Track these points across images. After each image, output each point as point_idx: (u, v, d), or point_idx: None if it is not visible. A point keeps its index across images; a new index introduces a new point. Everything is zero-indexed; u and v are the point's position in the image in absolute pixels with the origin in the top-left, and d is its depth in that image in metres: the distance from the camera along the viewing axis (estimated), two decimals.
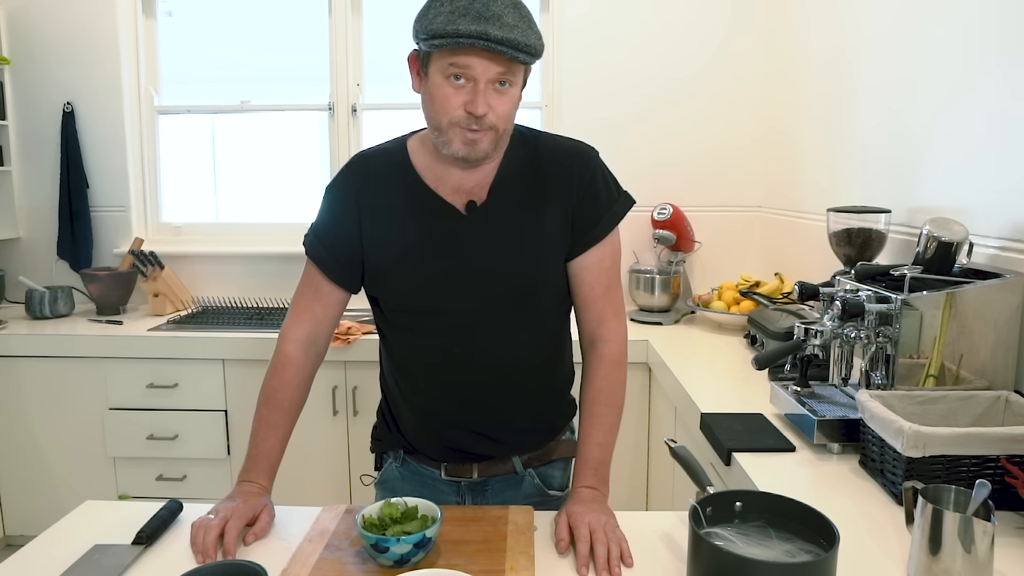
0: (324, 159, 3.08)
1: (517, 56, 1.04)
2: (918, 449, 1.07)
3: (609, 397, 1.22)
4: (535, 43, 1.06)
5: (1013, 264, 1.38)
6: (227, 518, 1.06)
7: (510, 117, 1.13)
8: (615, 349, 1.25)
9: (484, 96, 1.06)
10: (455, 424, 1.25)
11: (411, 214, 1.19)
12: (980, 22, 1.52)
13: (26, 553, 1.05)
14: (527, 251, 1.18)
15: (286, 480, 1.74)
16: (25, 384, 2.55)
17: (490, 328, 1.20)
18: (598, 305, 1.24)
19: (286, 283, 2.96)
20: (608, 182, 1.24)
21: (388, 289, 1.23)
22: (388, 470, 1.36)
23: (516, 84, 1.10)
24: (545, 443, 1.32)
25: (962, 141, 1.57)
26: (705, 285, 2.95)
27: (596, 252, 1.22)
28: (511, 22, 1.03)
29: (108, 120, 2.95)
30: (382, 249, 1.20)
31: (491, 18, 1.02)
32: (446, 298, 1.19)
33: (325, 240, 1.23)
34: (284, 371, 1.24)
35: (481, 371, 1.22)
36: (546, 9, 2.92)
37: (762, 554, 0.87)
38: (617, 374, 1.24)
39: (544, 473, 1.32)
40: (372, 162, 1.23)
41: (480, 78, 1.06)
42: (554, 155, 1.21)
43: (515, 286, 1.19)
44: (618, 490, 2.48)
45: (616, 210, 1.23)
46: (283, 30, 3.03)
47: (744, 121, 2.87)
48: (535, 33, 1.07)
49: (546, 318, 1.25)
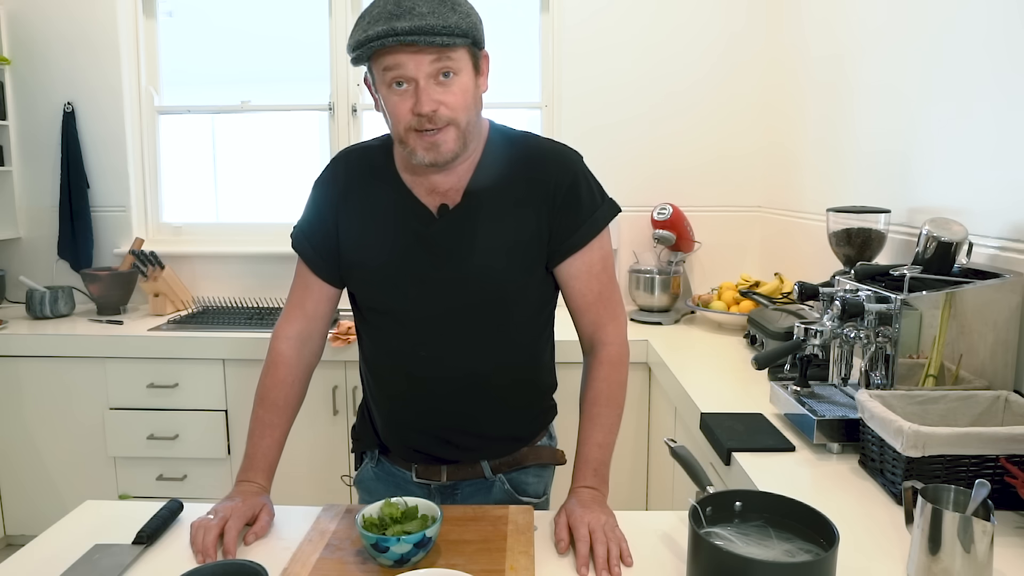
0: (324, 159, 3.06)
1: (434, 41, 0.99)
2: (918, 449, 1.07)
3: (609, 398, 1.21)
4: (456, 22, 1.01)
5: (1013, 264, 1.38)
6: (227, 518, 1.06)
7: (467, 107, 1.08)
8: (614, 351, 1.24)
9: (427, 93, 1.03)
10: (421, 428, 1.24)
11: (385, 214, 1.18)
12: (978, 24, 1.52)
13: (26, 553, 1.05)
14: (495, 258, 1.16)
15: (286, 480, 1.74)
16: (25, 384, 2.55)
17: (455, 334, 1.19)
18: (592, 311, 1.23)
19: (286, 283, 2.90)
20: (591, 188, 1.20)
21: (359, 287, 1.24)
22: (364, 470, 1.36)
23: (462, 71, 1.06)
24: (514, 451, 1.29)
25: (961, 141, 1.57)
26: (705, 285, 2.95)
27: (582, 259, 1.20)
28: (424, 10, 1.00)
29: (108, 120, 2.95)
30: (355, 247, 1.20)
31: (401, 13, 1.00)
32: (411, 300, 1.18)
33: (310, 235, 1.25)
34: (277, 370, 1.25)
35: (447, 377, 1.20)
36: (546, 9, 2.93)
37: (762, 554, 0.87)
38: (617, 375, 1.23)
39: (515, 479, 1.29)
40: (355, 160, 1.24)
41: (417, 75, 1.03)
42: (534, 159, 1.18)
43: (481, 293, 1.17)
44: (618, 490, 2.48)
45: (598, 217, 1.19)
46: (283, 30, 3.03)
47: (745, 121, 2.87)
48: (459, 12, 1.02)
49: (516, 327, 1.22)
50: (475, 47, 1.08)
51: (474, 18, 1.06)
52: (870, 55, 2.01)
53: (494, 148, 1.18)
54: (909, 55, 1.80)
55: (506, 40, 3.00)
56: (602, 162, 2.87)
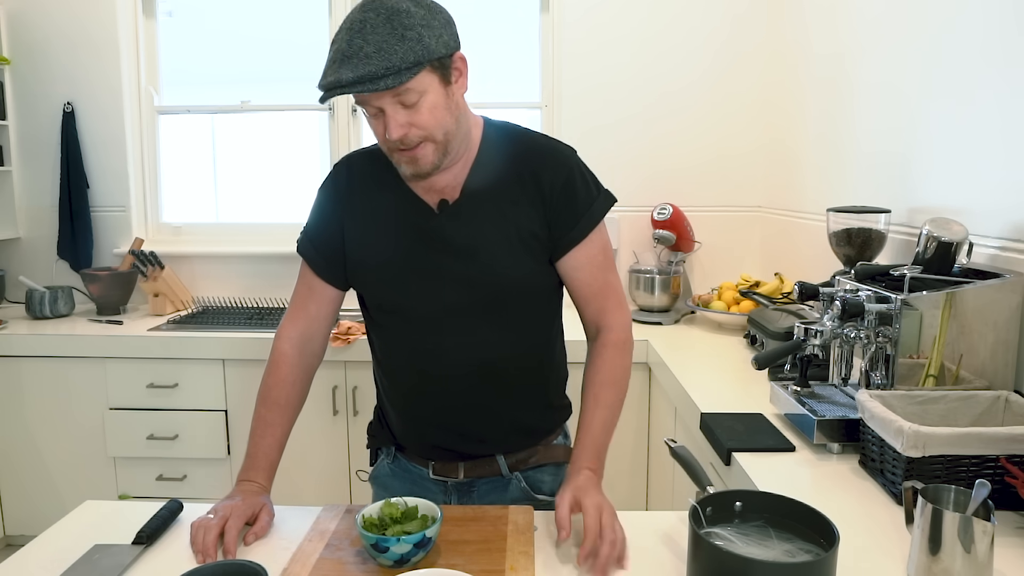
0: (324, 159, 3.08)
1: (378, 86, 1.00)
2: (918, 449, 1.07)
3: (613, 380, 1.22)
4: (403, 55, 0.99)
5: (1013, 264, 1.38)
6: (226, 517, 1.06)
7: (439, 122, 1.08)
8: (618, 336, 1.25)
9: (394, 120, 1.05)
10: (437, 423, 1.26)
11: (387, 213, 1.21)
12: (979, 23, 1.52)
13: (26, 553, 1.05)
14: (496, 251, 1.17)
15: (286, 480, 1.74)
16: (25, 384, 2.55)
17: (461, 328, 1.20)
18: (597, 300, 1.25)
19: (286, 283, 2.93)
20: (587, 181, 1.22)
21: (364, 285, 1.26)
22: (380, 466, 1.38)
23: (428, 91, 1.05)
24: (530, 446, 1.30)
25: (962, 141, 1.57)
26: (705, 285, 2.95)
27: (583, 251, 1.21)
28: (370, 50, 0.99)
29: (108, 120, 2.95)
30: (359, 246, 1.23)
31: (351, 56, 1.00)
32: (415, 296, 1.20)
33: (314, 239, 1.27)
34: (279, 369, 1.26)
35: (457, 370, 1.22)
36: (546, 9, 2.93)
37: (762, 554, 0.87)
38: (621, 359, 1.24)
39: (532, 478, 1.30)
40: (357, 164, 1.26)
41: (381, 105, 1.05)
42: (529, 154, 1.20)
43: (484, 287, 1.18)
44: (618, 490, 2.49)
45: (595, 209, 1.21)
46: (283, 30, 3.03)
47: (744, 121, 2.87)
48: (408, 40, 1.00)
49: (520, 319, 1.23)
50: (438, 62, 1.05)
51: (428, 38, 1.02)
52: (870, 53, 2.01)
53: (490, 145, 1.20)
54: (909, 54, 1.80)
55: (506, 40, 3.00)
56: (602, 162, 2.86)
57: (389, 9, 1.01)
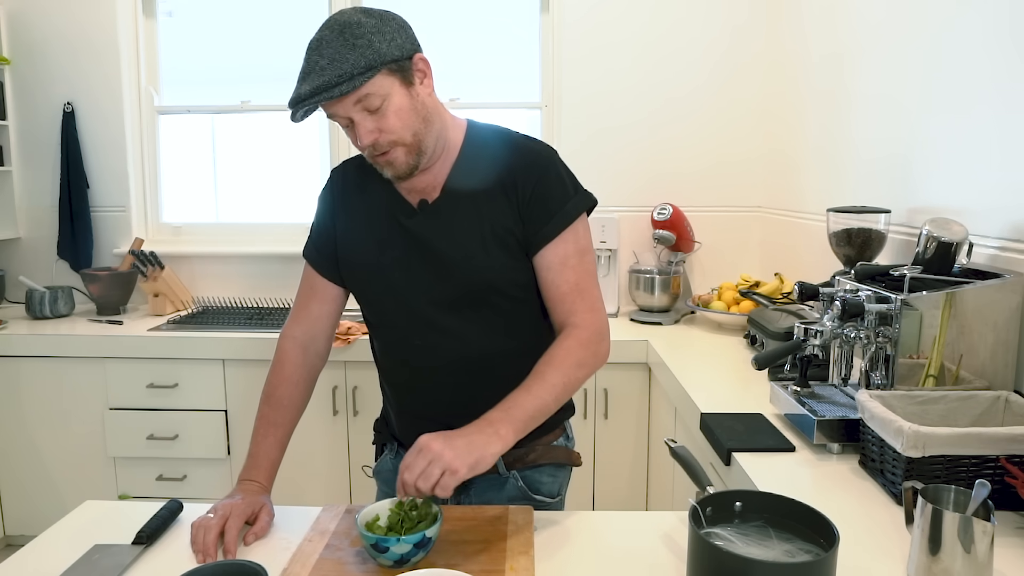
0: (324, 159, 3.08)
1: (333, 94, 1.05)
2: (918, 449, 1.07)
3: (560, 361, 1.14)
4: (354, 63, 1.04)
5: (1013, 264, 1.38)
6: (226, 516, 1.06)
7: (407, 124, 1.11)
8: (583, 333, 1.18)
9: (362, 127, 1.10)
10: (428, 417, 1.25)
11: (372, 211, 1.25)
12: (978, 24, 1.52)
13: (26, 553, 1.05)
14: (473, 248, 1.19)
15: (286, 480, 1.74)
16: (25, 384, 2.55)
17: (444, 324, 1.22)
18: (566, 302, 1.20)
19: (286, 283, 2.96)
20: (563, 179, 1.22)
21: (353, 282, 1.30)
22: (383, 460, 1.40)
23: (391, 94, 1.09)
24: (527, 443, 1.28)
25: (962, 141, 1.58)
26: (705, 285, 2.95)
27: (554, 250, 1.19)
28: (324, 63, 1.05)
29: (108, 120, 2.95)
30: (347, 244, 1.27)
31: (309, 71, 1.07)
32: (399, 292, 1.23)
33: (316, 241, 1.32)
34: (283, 368, 1.29)
35: (445, 365, 1.24)
36: (546, 10, 2.93)
37: (762, 554, 0.87)
38: (578, 351, 1.16)
39: (530, 477, 1.30)
40: (350, 169, 1.32)
41: (348, 115, 1.10)
42: (508, 153, 1.22)
43: (461, 283, 1.20)
44: (618, 490, 2.49)
45: (570, 208, 1.20)
46: (283, 30, 3.03)
47: (744, 129, 2.87)
48: (358, 48, 1.05)
49: (504, 315, 1.23)
50: (395, 64, 1.09)
51: (379, 43, 1.07)
52: (870, 57, 2.01)
53: (472, 146, 1.23)
54: (909, 56, 1.80)
55: (506, 40, 3.00)
56: (603, 164, 2.89)
57: (342, 24, 1.08)
